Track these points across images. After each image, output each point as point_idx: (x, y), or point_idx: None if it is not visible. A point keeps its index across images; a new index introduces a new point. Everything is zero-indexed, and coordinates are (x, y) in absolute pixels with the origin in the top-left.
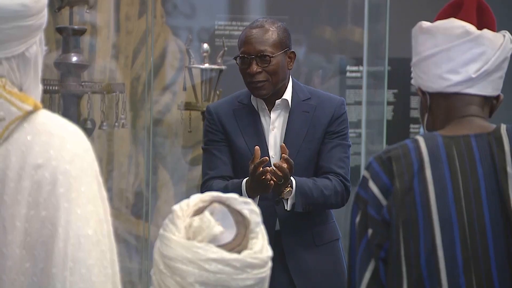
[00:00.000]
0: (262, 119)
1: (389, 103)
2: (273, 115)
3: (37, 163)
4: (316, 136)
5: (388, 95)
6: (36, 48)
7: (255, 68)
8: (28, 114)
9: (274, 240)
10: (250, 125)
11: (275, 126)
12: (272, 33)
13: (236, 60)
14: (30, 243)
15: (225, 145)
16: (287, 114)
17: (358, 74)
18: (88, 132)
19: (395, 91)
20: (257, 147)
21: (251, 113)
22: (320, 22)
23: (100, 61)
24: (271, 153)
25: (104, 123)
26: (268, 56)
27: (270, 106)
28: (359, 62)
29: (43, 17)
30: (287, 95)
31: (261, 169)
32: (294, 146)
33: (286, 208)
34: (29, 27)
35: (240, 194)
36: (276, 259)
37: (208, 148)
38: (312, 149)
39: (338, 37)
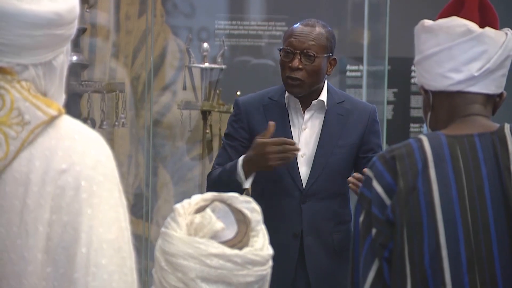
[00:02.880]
0: (294, 117)
1: (389, 103)
2: (307, 114)
3: (61, 168)
4: (350, 141)
5: (388, 94)
6: (63, 58)
7: (297, 63)
8: (53, 119)
9: (299, 239)
10: (280, 122)
11: (307, 126)
12: (321, 35)
13: (280, 52)
14: (52, 247)
15: (241, 145)
16: (322, 115)
17: (358, 74)
18: None
19: (395, 90)
20: (271, 122)
21: (281, 111)
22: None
23: (100, 61)
24: (300, 152)
25: (104, 123)
26: (313, 55)
27: (304, 106)
28: (359, 61)
29: (73, 27)
30: (323, 96)
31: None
32: (328, 147)
33: None
34: (59, 36)
35: (235, 169)
36: (298, 258)
37: (224, 142)
38: (345, 153)
39: (338, 36)
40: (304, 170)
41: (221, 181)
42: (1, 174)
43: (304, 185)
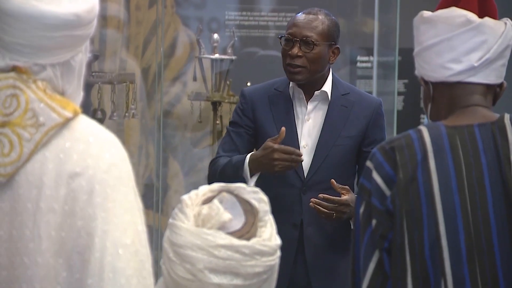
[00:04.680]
0: (298, 108)
1: (399, 93)
2: (310, 105)
3: (75, 172)
4: (353, 133)
5: (398, 85)
6: (82, 56)
7: (296, 51)
8: (67, 121)
9: (299, 229)
10: (284, 113)
11: (310, 116)
12: (322, 23)
13: (280, 40)
14: (67, 252)
15: (246, 132)
16: (325, 107)
17: (369, 64)
18: (98, 122)
19: (406, 81)
20: (283, 128)
21: (285, 101)
22: (331, 12)
23: (111, 52)
24: (302, 143)
25: (114, 114)
26: (312, 42)
27: (308, 96)
28: (369, 52)
29: (92, 27)
30: (327, 87)
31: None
32: (330, 139)
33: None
34: (78, 36)
35: (242, 165)
36: (298, 249)
37: (229, 129)
38: (347, 146)
39: (348, 27)
40: (306, 160)
41: (225, 174)
42: (14, 176)
43: (305, 175)
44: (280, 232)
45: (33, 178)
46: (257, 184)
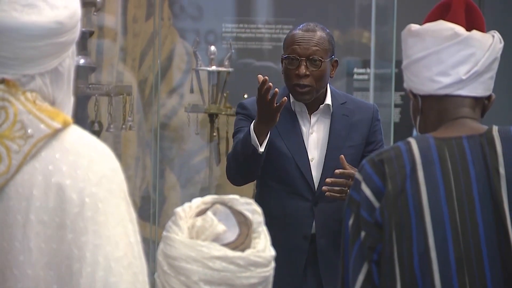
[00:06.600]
0: (301, 122)
1: (396, 106)
2: (313, 119)
3: (65, 184)
4: (357, 141)
5: (395, 97)
6: (69, 61)
7: (304, 70)
8: (56, 132)
9: (309, 242)
10: (289, 127)
11: (314, 130)
12: (323, 38)
13: (282, 60)
14: (57, 264)
15: None
16: (327, 119)
17: (366, 76)
18: (95, 134)
19: (402, 93)
20: (259, 76)
21: (289, 115)
22: (327, 25)
23: (108, 64)
24: (310, 156)
25: (111, 126)
26: (319, 60)
27: (310, 110)
28: (366, 64)
29: (76, 31)
30: (328, 99)
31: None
32: (337, 148)
33: None
34: (63, 43)
35: (249, 135)
36: (309, 261)
37: (240, 129)
38: (354, 153)
39: (345, 39)
40: (315, 173)
41: (237, 152)
42: (4, 188)
43: (316, 188)
44: (291, 244)
45: (22, 190)
46: (268, 198)
